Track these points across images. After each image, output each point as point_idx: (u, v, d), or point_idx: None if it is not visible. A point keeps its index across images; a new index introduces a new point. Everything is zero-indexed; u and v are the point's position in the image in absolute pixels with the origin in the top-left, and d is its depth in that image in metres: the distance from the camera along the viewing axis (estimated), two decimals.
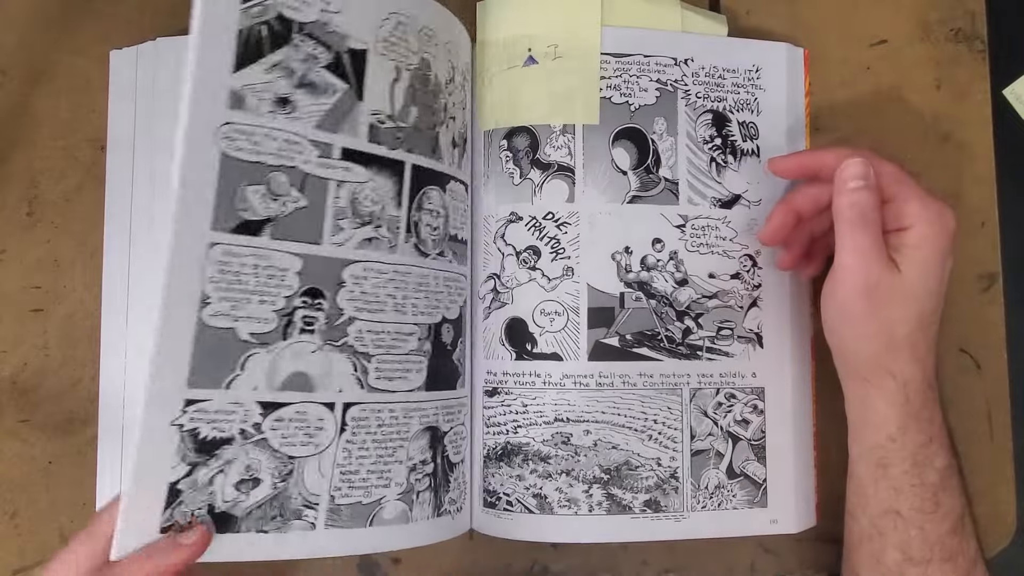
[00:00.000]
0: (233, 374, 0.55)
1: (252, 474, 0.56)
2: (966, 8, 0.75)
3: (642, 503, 0.69)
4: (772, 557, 0.73)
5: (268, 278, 0.56)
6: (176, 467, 0.54)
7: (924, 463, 0.62)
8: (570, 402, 0.68)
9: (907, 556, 0.63)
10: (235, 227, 0.55)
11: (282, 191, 0.56)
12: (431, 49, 0.64)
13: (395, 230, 0.61)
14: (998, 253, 0.74)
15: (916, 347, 0.62)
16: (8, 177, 0.72)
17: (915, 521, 0.62)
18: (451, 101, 0.67)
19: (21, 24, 0.73)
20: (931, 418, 0.63)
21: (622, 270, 0.69)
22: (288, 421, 0.57)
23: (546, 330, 0.69)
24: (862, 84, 0.75)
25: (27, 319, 0.71)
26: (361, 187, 0.59)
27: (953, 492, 0.63)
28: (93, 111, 0.72)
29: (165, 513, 0.54)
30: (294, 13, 0.56)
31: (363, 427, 0.60)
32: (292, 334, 0.57)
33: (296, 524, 0.57)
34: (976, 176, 0.75)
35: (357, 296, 0.59)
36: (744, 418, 0.70)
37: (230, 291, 0.55)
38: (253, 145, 0.55)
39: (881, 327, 0.61)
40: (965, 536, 0.64)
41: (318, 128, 0.57)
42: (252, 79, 0.55)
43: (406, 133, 0.62)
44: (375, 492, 0.60)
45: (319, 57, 0.57)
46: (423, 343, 0.63)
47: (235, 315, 0.55)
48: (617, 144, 0.70)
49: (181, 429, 0.54)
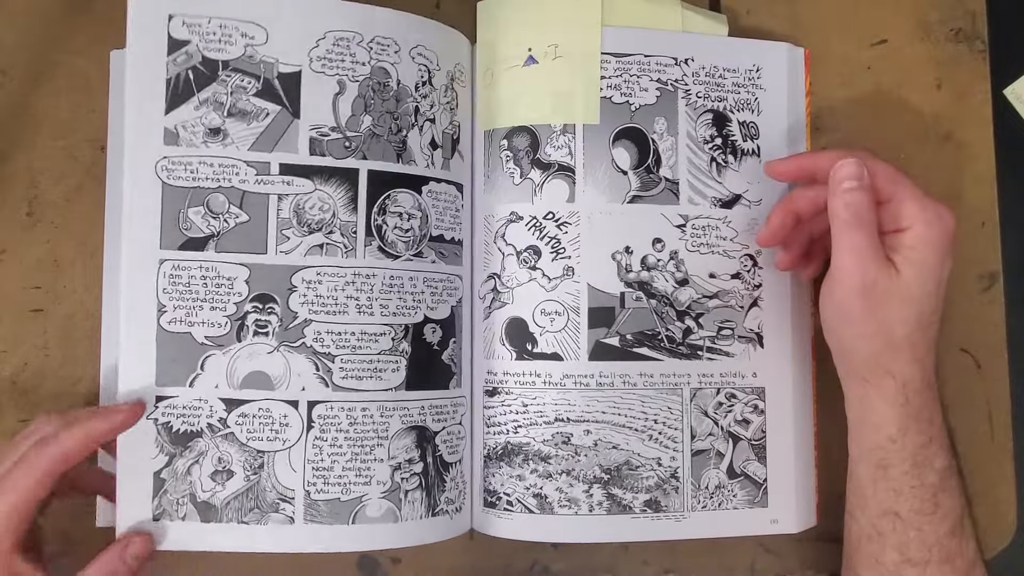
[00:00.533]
0: (194, 373, 0.63)
1: (225, 466, 0.63)
2: (966, 8, 0.75)
3: (642, 503, 0.69)
4: (772, 557, 0.73)
5: (216, 287, 0.63)
6: (156, 457, 0.62)
7: (924, 464, 0.62)
8: (570, 402, 0.68)
9: (905, 557, 0.63)
10: (181, 244, 0.63)
11: (221, 209, 0.63)
12: (389, 57, 0.66)
13: (351, 235, 0.65)
14: (998, 253, 0.74)
15: (915, 348, 0.62)
16: (8, 177, 0.72)
17: (914, 523, 0.62)
18: (426, 103, 0.68)
19: (21, 24, 0.73)
20: (931, 419, 0.63)
21: (622, 270, 0.69)
22: (252, 417, 0.63)
23: (546, 330, 0.69)
24: (862, 84, 0.75)
25: (27, 319, 0.71)
26: (306, 198, 0.64)
27: (952, 493, 0.63)
28: (93, 111, 0.72)
29: (154, 501, 0.62)
30: (218, 54, 0.64)
31: (333, 425, 0.63)
32: (246, 337, 0.63)
33: (274, 517, 0.63)
34: (976, 176, 0.75)
35: (312, 299, 0.64)
36: (744, 418, 0.70)
37: (183, 300, 0.63)
38: (190, 173, 0.63)
39: (879, 327, 0.61)
40: (964, 537, 0.64)
41: (252, 149, 0.64)
42: (183, 117, 0.63)
43: (358, 141, 0.65)
44: (354, 489, 0.63)
45: (247, 87, 0.64)
46: (399, 343, 0.65)
47: (190, 321, 0.63)
48: (617, 144, 0.70)
49: (156, 423, 0.62)
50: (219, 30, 0.64)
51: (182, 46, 0.64)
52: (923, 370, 0.62)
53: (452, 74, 0.70)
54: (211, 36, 0.64)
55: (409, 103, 0.67)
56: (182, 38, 0.64)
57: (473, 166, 0.72)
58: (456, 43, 0.71)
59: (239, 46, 0.64)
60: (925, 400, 0.63)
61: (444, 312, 0.68)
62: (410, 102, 0.67)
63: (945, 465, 0.63)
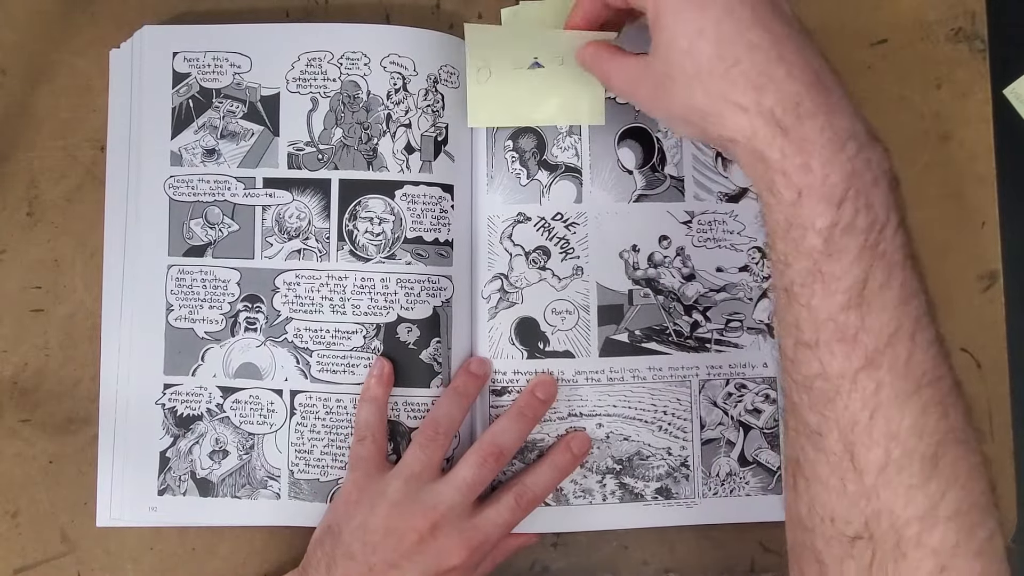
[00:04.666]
0: (196, 364, 0.71)
1: (221, 446, 0.70)
2: (966, 8, 0.75)
3: (654, 491, 0.70)
4: (772, 556, 0.73)
5: (214, 288, 0.71)
6: (162, 438, 0.70)
7: (799, 224, 0.51)
8: (582, 397, 0.70)
9: (798, 339, 0.53)
10: (185, 252, 0.71)
11: (217, 220, 0.71)
12: (359, 70, 0.71)
13: (325, 240, 0.70)
14: (998, 253, 0.74)
15: (745, 77, 0.53)
16: (8, 177, 0.72)
17: (800, 297, 0.52)
18: (400, 110, 0.70)
19: (21, 24, 0.73)
20: (805, 166, 0.51)
21: (630, 268, 0.70)
22: (244, 403, 0.71)
23: (558, 328, 0.70)
24: (862, 84, 0.75)
25: (27, 319, 0.71)
26: (285, 207, 0.71)
27: (841, 257, 0.51)
28: (93, 111, 0.72)
29: (160, 477, 0.70)
30: (212, 83, 0.71)
31: (311, 412, 0.70)
32: (238, 332, 0.71)
33: (263, 493, 0.70)
34: (976, 176, 0.75)
35: (291, 300, 0.70)
36: (756, 407, 0.71)
37: (187, 300, 0.71)
38: (191, 189, 0.71)
39: (672, 104, 0.56)
40: (872, 315, 0.51)
41: (240, 166, 0.71)
42: (186, 141, 0.71)
43: (329, 153, 0.71)
44: (331, 472, 0.70)
45: (236, 111, 0.71)
46: (370, 341, 0.70)
47: (192, 318, 0.71)
48: (623, 144, 0.71)
49: (164, 407, 0.71)
50: (212, 62, 0.71)
51: (184, 79, 0.71)
52: (765, 116, 0.52)
53: (435, 76, 0.71)
54: (207, 68, 0.71)
55: (380, 111, 0.70)
56: (184, 72, 0.71)
57: (473, 167, 0.72)
58: (441, 45, 0.72)
59: (228, 75, 0.71)
60: (780, 148, 0.51)
61: (423, 312, 0.70)
62: (381, 110, 0.70)
63: (828, 224, 0.50)
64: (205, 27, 0.72)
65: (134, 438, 0.70)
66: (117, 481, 0.69)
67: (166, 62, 0.71)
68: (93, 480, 0.70)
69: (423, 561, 0.62)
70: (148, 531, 0.71)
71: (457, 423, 0.68)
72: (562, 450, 0.69)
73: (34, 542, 0.70)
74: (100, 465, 0.70)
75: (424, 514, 0.63)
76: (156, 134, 0.71)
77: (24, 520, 0.70)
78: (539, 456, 0.69)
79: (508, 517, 0.65)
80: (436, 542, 0.63)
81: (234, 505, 0.70)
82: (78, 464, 0.70)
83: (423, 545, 0.63)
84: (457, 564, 0.63)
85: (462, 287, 0.71)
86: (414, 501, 0.64)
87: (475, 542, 0.63)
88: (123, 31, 0.72)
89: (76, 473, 0.70)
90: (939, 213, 0.74)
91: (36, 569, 0.70)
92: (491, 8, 0.74)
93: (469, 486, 0.64)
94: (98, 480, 0.70)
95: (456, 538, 0.63)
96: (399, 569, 0.62)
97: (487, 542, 0.64)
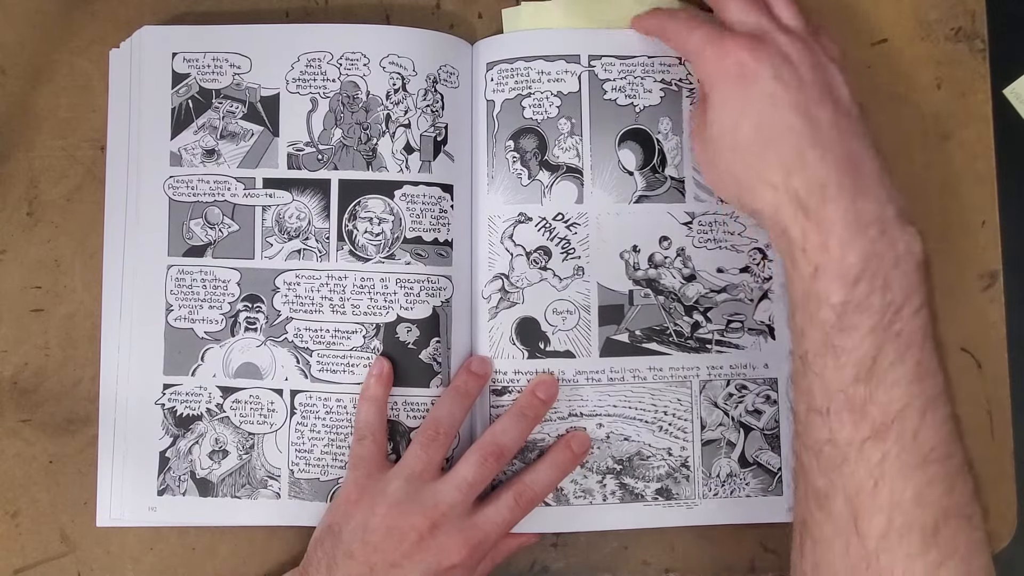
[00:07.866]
0: (196, 364, 0.71)
1: (221, 446, 0.70)
2: (966, 7, 0.75)
3: (654, 491, 0.70)
4: (772, 556, 0.73)
5: (214, 289, 0.71)
6: (162, 438, 0.70)
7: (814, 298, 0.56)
8: (583, 397, 0.70)
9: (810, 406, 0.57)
10: (185, 252, 0.71)
11: (216, 220, 0.71)
12: (358, 70, 0.71)
13: (325, 240, 0.70)
14: (999, 252, 0.74)
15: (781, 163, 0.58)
16: (8, 177, 0.72)
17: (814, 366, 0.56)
18: (399, 110, 0.70)
19: (21, 24, 0.73)
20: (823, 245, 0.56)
21: (630, 268, 0.70)
22: (244, 403, 0.71)
23: (559, 328, 0.70)
24: (862, 83, 0.75)
25: (27, 319, 0.71)
26: (285, 208, 0.71)
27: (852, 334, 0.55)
28: (93, 111, 0.72)
29: (159, 478, 0.70)
30: (212, 83, 0.72)
31: (311, 412, 0.70)
32: (238, 332, 0.71)
33: (263, 493, 0.70)
34: (976, 176, 0.75)
35: (291, 299, 0.71)
36: (756, 408, 0.71)
37: (186, 300, 0.71)
38: (190, 189, 0.71)
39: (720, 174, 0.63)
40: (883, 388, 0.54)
41: (240, 167, 0.71)
42: (185, 141, 0.71)
43: (329, 153, 0.71)
44: (331, 471, 0.70)
45: (235, 112, 0.71)
46: (370, 340, 0.70)
47: (192, 318, 0.71)
48: (623, 145, 0.71)
49: (163, 408, 0.70)
50: (212, 62, 0.71)
51: (183, 79, 0.72)
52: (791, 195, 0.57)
53: (435, 76, 0.71)
54: (206, 68, 0.72)
55: (379, 112, 0.70)
56: (183, 72, 0.72)
57: (474, 167, 0.72)
58: (441, 46, 0.72)
59: (228, 75, 0.72)
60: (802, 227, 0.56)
61: (423, 311, 0.70)
62: (380, 111, 0.70)
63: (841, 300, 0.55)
64: (205, 28, 0.72)
65: (134, 438, 0.70)
66: (117, 481, 0.69)
67: (166, 62, 0.71)
68: (93, 480, 0.70)
69: (423, 560, 0.63)
70: (148, 531, 0.71)
71: (458, 423, 0.68)
72: (562, 449, 0.69)
73: (34, 542, 0.70)
74: (100, 465, 0.70)
75: (424, 513, 0.63)
76: (156, 134, 0.71)
77: (24, 520, 0.70)
78: (539, 456, 0.69)
79: (508, 516, 0.65)
80: (436, 541, 0.63)
81: (234, 505, 0.70)
82: (78, 464, 0.70)
83: (423, 544, 0.63)
84: (457, 563, 0.63)
85: (462, 287, 0.71)
86: (414, 500, 0.64)
87: (475, 541, 0.64)
88: (123, 31, 0.72)
89: (76, 473, 0.70)
90: (939, 213, 0.74)
91: (36, 569, 0.70)
92: (491, 8, 0.74)
93: (469, 485, 0.65)
94: (98, 480, 0.70)
95: (456, 537, 0.63)
96: (400, 568, 0.62)
97: (487, 541, 0.65)
